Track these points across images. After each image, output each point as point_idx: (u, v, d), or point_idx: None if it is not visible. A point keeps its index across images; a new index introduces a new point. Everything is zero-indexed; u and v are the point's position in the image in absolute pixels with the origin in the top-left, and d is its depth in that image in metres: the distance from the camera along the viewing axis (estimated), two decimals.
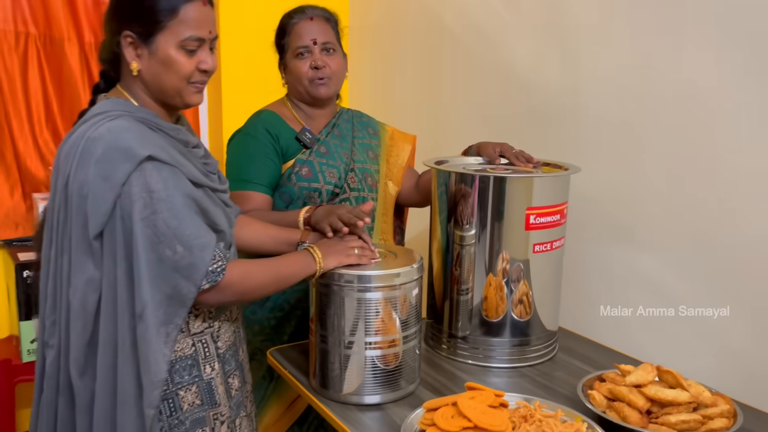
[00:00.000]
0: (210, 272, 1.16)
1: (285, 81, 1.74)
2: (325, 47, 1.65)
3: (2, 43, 2.25)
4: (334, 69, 1.66)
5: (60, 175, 1.15)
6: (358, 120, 1.82)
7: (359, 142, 1.77)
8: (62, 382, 1.18)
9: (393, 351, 1.34)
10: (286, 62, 1.70)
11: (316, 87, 1.66)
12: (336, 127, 1.74)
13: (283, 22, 1.70)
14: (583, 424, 1.18)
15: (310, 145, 1.67)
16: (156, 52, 1.16)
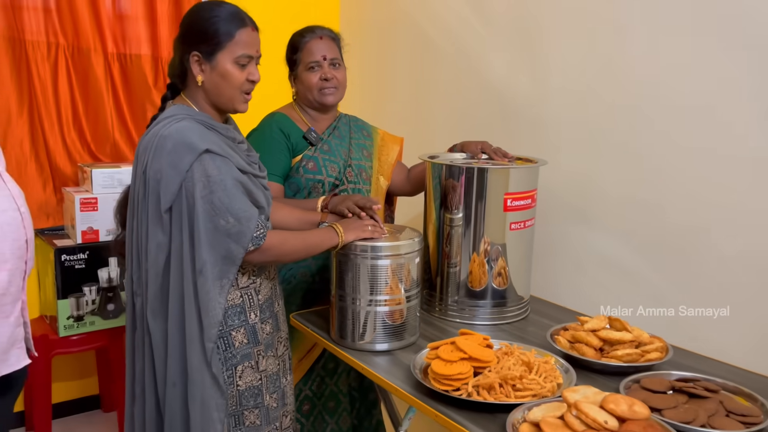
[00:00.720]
0: (254, 237, 1.46)
1: (295, 89, 2.02)
2: (333, 62, 1.95)
3: (36, 53, 2.51)
4: (340, 80, 1.96)
5: (139, 164, 1.45)
6: (355, 123, 2.12)
7: (355, 143, 2.06)
8: (145, 322, 1.49)
9: (398, 308, 1.66)
10: (297, 74, 1.98)
11: (325, 95, 1.95)
12: (336, 129, 2.03)
13: (294, 40, 1.99)
14: (552, 357, 1.51)
15: (315, 143, 1.96)
16: (216, 67, 1.47)
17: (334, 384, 2.04)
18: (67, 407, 2.79)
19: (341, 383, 2.05)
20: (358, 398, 2.11)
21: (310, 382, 2.01)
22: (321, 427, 2.04)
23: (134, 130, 2.75)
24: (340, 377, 2.04)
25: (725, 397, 1.35)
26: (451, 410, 1.34)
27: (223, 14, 1.48)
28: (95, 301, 2.44)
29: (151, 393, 1.51)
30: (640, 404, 1.20)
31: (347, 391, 2.06)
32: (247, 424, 1.56)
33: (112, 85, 2.69)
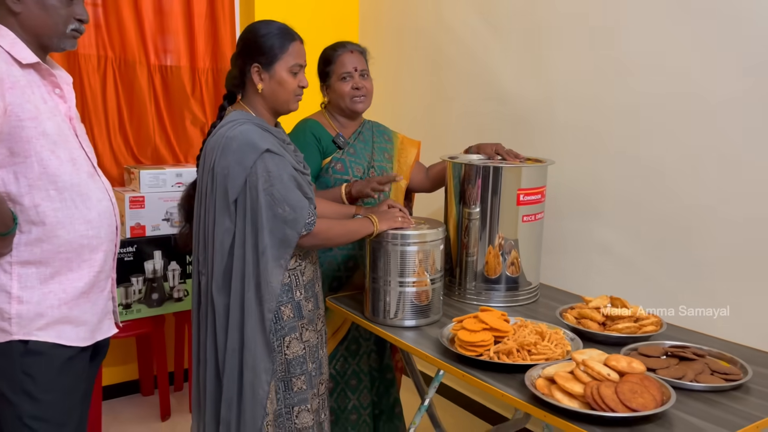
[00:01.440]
0: (306, 224, 1.69)
1: (327, 98, 2.25)
2: (362, 73, 2.18)
3: (87, 65, 2.75)
4: (369, 89, 2.20)
5: (206, 162, 1.69)
6: (377, 129, 2.34)
7: (378, 146, 2.29)
8: (210, 297, 1.71)
9: (424, 289, 1.88)
10: (330, 84, 2.20)
11: (356, 103, 2.18)
12: (361, 134, 2.26)
13: (327, 54, 2.22)
14: (561, 330, 1.74)
15: (343, 147, 2.19)
16: (274, 75, 1.72)
17: (356, 364, 2.26)
18: (110, 390, 3.01)
19: (362, 363, 2.27)
20: (378, 377, 2.33)
21: (334, 361, 2.23)
22: (344, 403, 2.26)
23: (173, 135, 2.99)
24: (362, 358, 2.26)
25: (710, 360, 1.58)
26: (476, 371, 1.56)
27: (276, 31, 1.73)
28: (141, 291, 2.67)
29: (212, 358, 1.73)
30: (638, 362, 1.43)
31: (368, 371, 2.28)
32: (295, 390, 1.79)
33: (154, 94, 2.93)
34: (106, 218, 1.56)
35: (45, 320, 1.47)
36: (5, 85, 1.37)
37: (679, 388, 1.44)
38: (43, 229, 1.45)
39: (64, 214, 1.47)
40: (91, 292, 1.56)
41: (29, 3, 1.44)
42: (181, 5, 2.96)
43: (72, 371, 1.53)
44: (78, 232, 1.49)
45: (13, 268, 1.45)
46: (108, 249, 1.59)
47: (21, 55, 1.42)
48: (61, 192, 1.46)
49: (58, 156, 1.45)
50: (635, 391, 1.33)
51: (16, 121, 1.38)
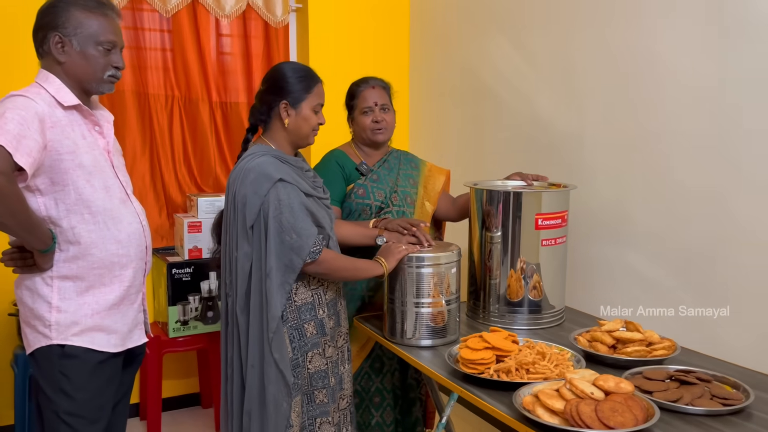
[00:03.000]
0: (311, 251, 1.81)
1: (352, 129, 2.40)
2: (383, 107, 2.31)
3: (156, 104, 3.05)
4: (388, 122, 2.33)
5: (230, 191, 1.87)
6: (404, 157, 2.46)
7: (403, 173, 2.40)
8: (235, 317, 1.87)
9: (439, 310, 1.96)
10: (354, 117, 2.35)
11: (375, 134, 2.31)
12: (386, 161, 2.39)
13: (352, 89, 2.37)
14: (569, 352, 1.76)
15: (365, 174, 2.32)
16: (300, 112, 1.89)
17: (380, 382, 2.35)
18: (173, 402, 3.25)
19: (386, 381, 2.35)
20: (401, 396, 2.41)
21: (359, 378, 2.34)
22: (368, 419, 2.36)
23: (232, 164, 3.22)
24: (385, 376, 2.35)
25: (714, 386, 1.56)
26: (475, 388, 1.62)
27: (303, 72, 1.91)
28: (198, 309, 2.89)
29: (237, 374, 1.88)
30: (627, 382, 1.45)
31: (391, 388, 2.36)
32: (317, 402, 1.91)
33: (215, 129, 3.19)
34: (135, 239, 1.76)
35: (80, 327, 1.67)
36: (46, 125, 1.58)
37: (673, 410, 1.45)
38: (78, 247, 1.66)
39: (97, 235, 1.67)
40: (122, 304, 1.75)
41: (72, 53, 1.67)
42: (240, 47, 3.22)
43: (103, 374, 1.72)
44: (109, 251, 1.70)
45: (53, 282, 1.66)
46: (137, 266, 1.78)
47: (64, 99, 1.65)
48: (94, 215, 1.67)
49: (93, 185, 1.66)
50: (615, 410, 1.35)
51: (55, 155, 1.60)
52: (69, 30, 1.65)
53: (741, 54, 1.87)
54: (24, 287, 1.69)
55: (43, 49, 1.69)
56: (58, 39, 1.66)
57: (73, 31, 1.65)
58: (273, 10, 3.21)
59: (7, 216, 1.50)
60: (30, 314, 1.68)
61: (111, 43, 1.71)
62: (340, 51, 3.36)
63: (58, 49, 1.66)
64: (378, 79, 2.37)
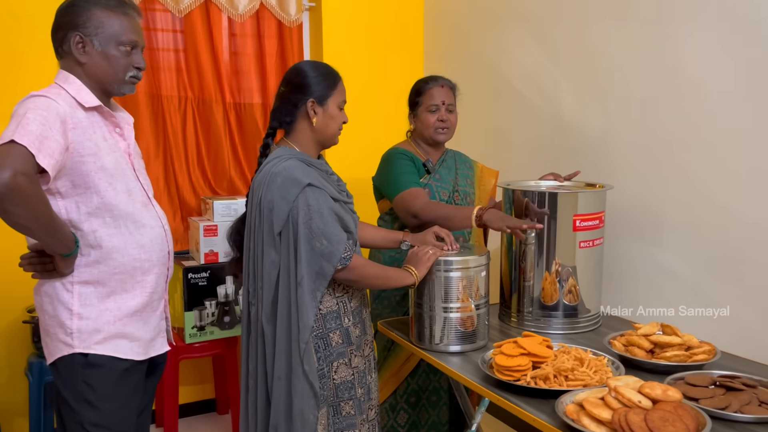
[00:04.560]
0: (342, 258, 1.76)
1: (413, 126, 2.35)
2: (449, 108, 2.29)
3: (169, 105, 3.00)
4: (453, 123, 2.30)
5: (254, 196, 1.80)
6: (459, 157, 2.43)
7: (461, 173, 2.38)
8: (259, 327, 1.81)
9: (468, 315, 1.91)
10: (417, 114, 2.31)
11: (439, 134, 2.28)
12: (445, 161, 2.36)
13: (419, 86, 2.33)
14: (605, 357, 1.71)
15: (431, 171, 2.29)
16: (327, 110, 1.84)
17: (437, 381, 2.33)
18: (189, 408, 3.20)
19: (443, 381, 2.32)
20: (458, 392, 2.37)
21: (417, 377, 2.31)
22: (424, 418, 2.35)
23: (247, 167, 3.18)
24: (442, 376, 2.31)
25: (761, 391, 1.51)
26: (512, 396, 1.57)
27: (325, 70, 1.86)
28: (214, 314, 2.84)
29: (262, 385, 1.81)
30: (675, 390, 1.39)
31: (447, 388, 2.33)
32: (343, 414, 1.84)
33: (229, 130, 3.14)
34: (158, 243, 1.71)
35: (102, 335, 1.62)
36: (68, 126, 1.53)
37: (721, 418, 1.40)
38: (100, 252, 1.61)
39: (119, 239, 1.63)
40: (144, 311, 1.70)
41: (93, 54, 1.62)
42: (254, 47, 3.17)
43: (128, 382, 1.67)
44: (131, 256, 1.65)
45: (74, 288, 1.61)
46: (160, 272, 1.73)
47: (85, 100, 1.60)
48: (116, 219, 1.62)
49: (115, 188, 1.62)
50: (666, 419, 1.30)
51: (77, 157, 1.55)
52: (90, 30, 1.61)
53: None
54: (44, 294, 1.64)
55: (63, 49, 1.64)
56: (79, 39, 1.61)
57: (94, 31, 1.61)
58: (287, 9, 3.15)
59: (30, 219, 1.44)
60: (51, 322, 1.63)
61: (132, 43, 1.66)
62: (355, 49, 3.31)
63: (78, 49, 1.62)
64: (446, 78, 2.34)
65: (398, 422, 2.35)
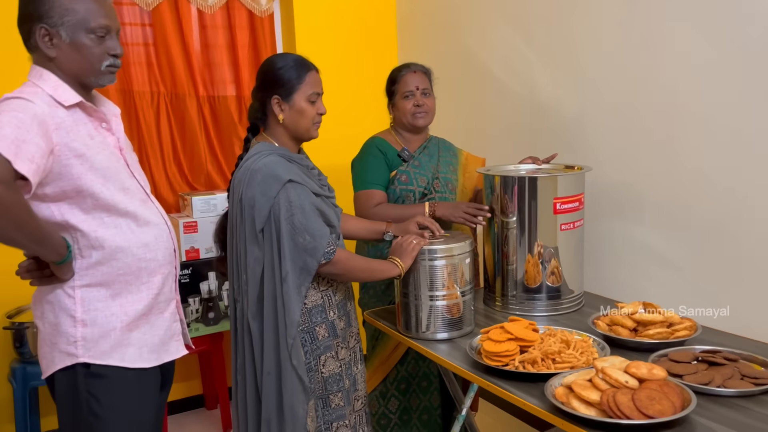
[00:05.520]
0: (325, 252, 1.76)
1: (392, 115, 2.36)
2: (424, 92, 2.30)
3: (142, 101, 2.95)
4: (429, 106, 2.31)
5: (235, 193, 1.79)
6: (443, 144, 2.44)
7: (443, 160, 2.38)
8: (246, 323, 1.80)
9: (454, 302, 1.92)
10: (395, 102, 2.33)
11: (417, 119, 2.30)
12: (426, 148, 2.37)
13: (393, 74, 2.34)
14: (590, 338, 1.74)
15: (407, 160, 2.30)
16: (294, 105, 1.80)
17: (426, 366, 2.35)
18: (178, 405, 3.19)
19: (432, 366, 2.35)
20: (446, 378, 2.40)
21: (406, 364, 2.34)
22: (415, 404, 2.38)
23: (224, 161, 3.15)
24: (431, 361, 2.31)
25: (742, 365, 1.55)
26: (501, 381, 1.59)
27: (292, 62, 1.81)
28: (198, 310, 2.82)
29: (251, 381, 1.81)
30: (659, 368, 1.43)
31: (437, 373, 2.36)
32: (333, 406, 1.86)
33: (204, 124, 3.10)
34: (162, 241, 1.61)
35: (108, 343, 1.52)
36: (50, 127, 1.41)
37: (705, 393, 1.43)
38: (102, 252, 1.50)
39: (122, 238, 1.52)
40: (150, 314, 1.60)
41: (62, 46, 1.48)
42: (225, 38, 3.12)
43: (137, 392, 1.57)
44: (136, 255, 1.55)
45: (75, 292, 1.50)
46: (167, 272, 1.63)
47: (63, 98, 1.47)
48: (114, 218, 1.52)
49: (109, 188, 1.50)
50: (653, 398, 1.33)
51: (64, 160, 1.44)
52: (55, 19, 1.46)
53: (748, 26, 1.84)
54: (45, 302, 1.53)
55: (30, 43, 1.50)
56: (45, 31, 1.47)
57: (59, 20, 1.46)
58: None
59: (12, 229, 1.34)
60: (52, 331, 1.52)
61: (104, 29, 1.51)
62: (328, 37, 3.28)
63: (45, 42, 1.48)
64: (419, 64, 2.34)
65: (389, 409, 2.38)
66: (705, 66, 1.97)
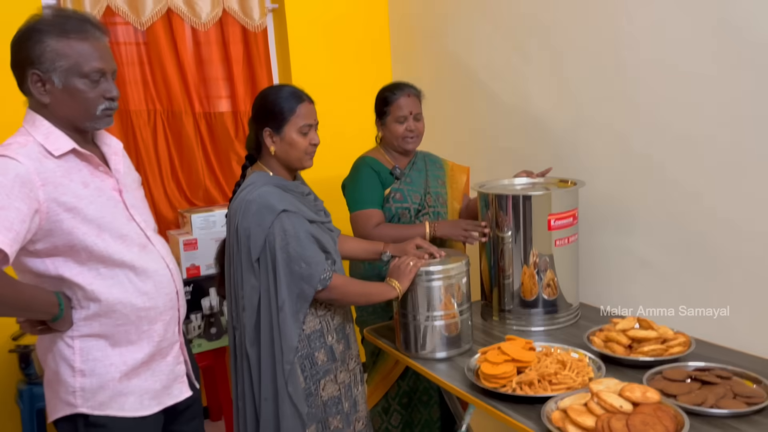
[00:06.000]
0: (321, 279, 1.79)
1: (382, 134, 2.37)
2: (416, 117, 2.32)
3: (139, 120, 2.97)
4: (420, 131, 2.34)
5: (231, 223, 1.82)
6: (429, 158, 2.47)
7: (431, 174, 2.41)
8: (244, 350, 1.83)
9: (453, 321, 1.95)
10: (386, 123, 2.33)
11: (408, 143, 2.32)
12: (415, 164, 2.40)
13: (386, 96, 2.33)
14: (586, 357, 1.77)
15: (400, 177, 2.33)
16: (284, 137, 1.83)
17: (427, 381, 2.39)
18: None
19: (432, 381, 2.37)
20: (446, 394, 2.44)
21: (407, 379, 2.38)
22: (417, 418, 2.43)
23: (221, 176, 3.17)
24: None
25: (735, 383, 1.58)
26: (499, 403, 1.62)
27: (284, 95, 1.84)
28: (200, 326, 2.86)
29: (250, 406, 1.85)
30: (653, 391, 1.46)
31: (437, 387, 2.39)
32: (332, 429, 1.89)
33: (201, 140, 3.11)
34: (163, 287, 1.58)
35: (107, 394, 1.51)
36: (35, 184, 1.38)
37: (699, 414, 1.46)
38: (99, 305, 1.49)
39: (119, 290, 1.50)
40: (152, 361, 1.59)
41: (56, 92, 1.45)
42: (219, 54, 3.13)
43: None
44: (135, 306, 1.52)
45: (74, 342, 1.49)
46: (170, 318, 1.61)
47: (54, 146, 1.44)
48: (111, 269, 1.49)
49: (104, 239, 1.48)
50: (647, 423, 1.36)
51: (54, 216, 1.41)
52: (47, 65, 1.43)
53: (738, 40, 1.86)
54: (46, 349, 1.53)
55: (24, 88, 1.48)
56: (37, 77, 1.44)
57: (51, 66, 1.43)
58: (250, 14, 3.12)
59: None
60: (54, 378, 1.53)
61: (98, 72, 1.48)
62: (321, 50, 3.30)
63: (38, 88, 1.45)
64: (411, 86, 2.36)
65: (392, 424, 2.41)
66: (694, 81, 1.99)
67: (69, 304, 1.50)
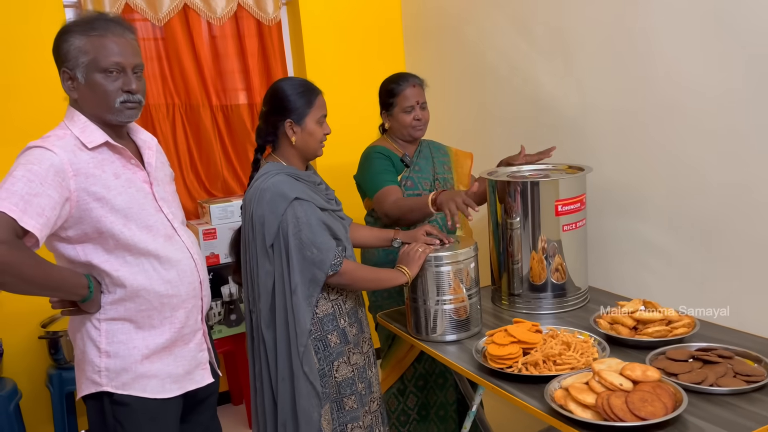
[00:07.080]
0: (332, 264, 1.85)
1: (389, 125, 2.42)
2: (422, 106, 2.38)
3: (158, 114, 3.06)
4: (426, 119, 2.40)
5: (246, 212, 1.89)
6: (433, 145, 2.53)
7: (437, 161, 2.47)
8: (260, 333, 1.91)
9: (462, 305, 2.01)
10: (393, 114, 2.38)
11: (416, 131, 2.38)
12: (421, 152, 2.46)
13: (391, 87, 2.38)
14: (591, 338, 1.82)
15: (410, 165, 2.39)
16: (305, 128, 1.90)
17: (442, 365, 2.40)
18: None
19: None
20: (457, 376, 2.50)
21: (423, 362, 2.44)
22: (433, 400, 2.49)
23: (239, 167, 3.26)
24: None
25: (736, 362, 1.61)
26: (505, 383, 1.67)
27: (301, 88, 1.91)
28: (220, 313, 2.95)
29: (267, 387, 1.93)
30: (653, 370, 1.50)
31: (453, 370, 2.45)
32: (347, 409, 1.97)
33: (219, 132, 3.20)
34: (186, 276, 1.65)
35: (130, 375, 1.59)
36: (67, 175, 1.47)
37: (698, 392, 1.50)
38: (125, 290, 1.57)
39: (143, 276, 1.58)
40: (174, 346, 1.66)
41: (81, 87, 1.54)
42: (235, 47, 3.21)
43: (159, 420, 1.64)
44: (158, 293, 1.60)
45: (101, 324, 1.58)
46: (192, 305, 1.68)
47: (89, 139, 1.54)
48: (137, 257, 1.57)
49: (131, 228, 1.56)
50: (645, 400, 1.41)
51: (84, 205, 1.50)
52: (72, 62, 1.53)
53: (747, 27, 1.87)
54: (76, 330, 1.63)
55: (64, 86, 1.58)
56: (67, 75, 1.55)
57: (75, 63, 1.52)
58: (264, 8, 3.18)
59: (22, 285, 1.41)
60: (82, 357, 1.62)
61: (117, 66, 1.54)
62: (335, 42, 3.35)
63: (69, 85, 1.56)
64: (415, 76, 2.41)
65: (408, 405, 2.48)
66: (704, 64, 2.01)
67: (99, 287, 1.59)
